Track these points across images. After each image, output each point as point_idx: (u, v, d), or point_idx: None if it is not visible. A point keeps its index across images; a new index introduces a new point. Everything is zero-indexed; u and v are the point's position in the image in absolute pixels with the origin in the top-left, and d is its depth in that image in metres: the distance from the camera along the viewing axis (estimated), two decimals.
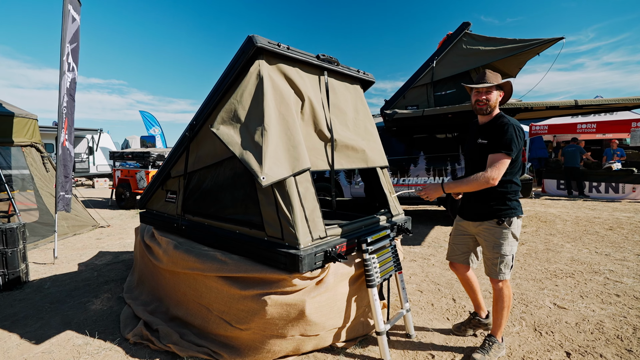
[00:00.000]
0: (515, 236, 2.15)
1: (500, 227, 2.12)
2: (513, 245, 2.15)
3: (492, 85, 2.11)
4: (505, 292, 2.18)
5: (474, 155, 2.23)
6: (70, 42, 4.83)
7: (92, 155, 14.91)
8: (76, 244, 5.44)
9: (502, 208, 2.11)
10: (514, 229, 2.13)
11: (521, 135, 2.06)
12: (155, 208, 3.32)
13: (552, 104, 5.29)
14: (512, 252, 2.14)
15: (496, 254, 2.14)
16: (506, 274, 2.15)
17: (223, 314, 2.32)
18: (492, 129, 2.10)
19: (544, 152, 10.93)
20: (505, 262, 2.13)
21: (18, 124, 5.68)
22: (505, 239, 2.12)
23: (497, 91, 2.15)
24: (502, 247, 2.12)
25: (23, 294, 3.43)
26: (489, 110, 2.15)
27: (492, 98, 2.13)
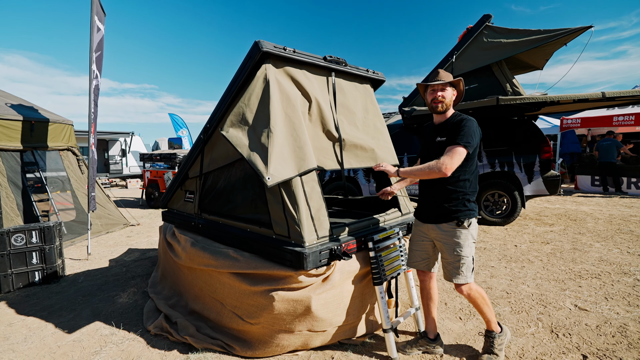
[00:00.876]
0: (473, 238, 2.12)
1: (459, 229, 2.08)
2: (472, 247, 2.11)
3: (446, 82, 2.12)
4: (473, 295, 2.13)
5: (432, 156, 2.16)
6: (95, 51, 5.13)
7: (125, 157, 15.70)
8: (108, 241, 5.79)
9: (461, 209, 2.08)
10: (472, 231, 2.10)
11: (478, 132, 2.05)
12: (175, 207, 3.49)
13: (580, 96, 5.04)
14: (471, 254, 2.10)
15: (457, 256, 2.08)
16: (468, 277, 2.09)
17: (235, 309, 2.42)
18: (451, 126, 2.09)
19: (576, 146, 10.36)
20: (467, 265, 2.08)
21: (56, 129, 6.10)
22: (465, 240, 2.08)
23: (451, 89, 2.16)
24: (463, 249, 2.07)
25: (59, 287, 3.71)
26: (445, 108, 2.14)
27: (447, 96, 2.13)
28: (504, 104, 4.94)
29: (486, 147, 6.01)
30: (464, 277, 2.09)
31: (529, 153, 5.70)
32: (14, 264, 3.69)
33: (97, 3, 5.14)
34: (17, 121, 5.42)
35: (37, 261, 3.81)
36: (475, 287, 2.16)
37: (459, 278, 2.09)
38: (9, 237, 3.66)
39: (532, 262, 4.05)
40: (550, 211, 7.16)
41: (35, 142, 5.70)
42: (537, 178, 5.66)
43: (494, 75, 5.92)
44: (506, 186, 5.83)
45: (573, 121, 9.89)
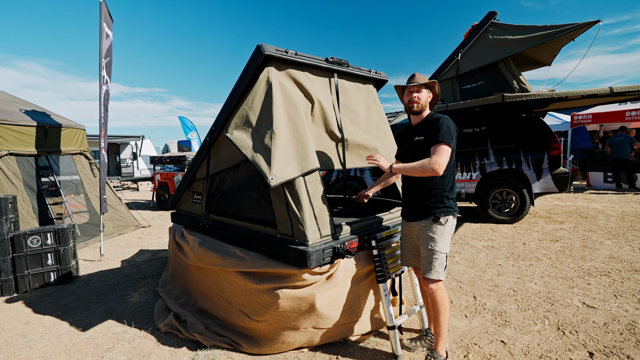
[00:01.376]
0: (450, 234, 2.13)
1: (435, 224, 2.09)
2: (447, 244, 2.12)
3: (421, 84, 2.19)
4: (438, 295, 2.09)
5: (410, 155, 2.21)
6: (104, 57, 5.26)
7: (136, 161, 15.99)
8: (120, 242, 5.92)
9: (438, 206, 2.10)
10: (448, 228, 2.11)
11: (455, 128, 2.10)
12: (184, 208, 3.57)
13: (588, 92, 4.97)
14: (446, 251, 2.10)
15: (430, 251, 2.09)
16: (440, 274, 2.09)
17: (242, 307, 2.48)
18: (428, 126, 2.14)
19: (588, 143, 10.17)
20: (440, 261, 2.08)
21: (68, 134, 6.27)
22: (440, 236, 2.09)
23: (427, 91, 2.22)
24: (437, 245, 2.08)
25: (74, 288, 3.83)
26: (420, 108, 2.19)
27: (422, 97, 2.19)
28: (509, 101, 4.91)
29: (493, 145, 5.97)
30: (436, 273, 2.08)
31: (537, 150, 5.64)
32: (30, 265, 3.81)
33: (105, 10, 5.28)
34: (32, 127, 5.60)
35: (52, 262, 3.93)
36: (443, 289, 2.13)
37: (431, 273, 2.09)
38: (25, 239, 3.79)
39: (541, 260, 4.02)
40: (560, 209, 7.06)
41: (49, 147, 5.87)
42: (546, 175, 5.60)
43: (500, 72, 5.88)
44: (514, 184, 5.78)
45: (584, 117, 9.73)
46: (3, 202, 3.68)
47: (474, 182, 6.12)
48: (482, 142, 6.07)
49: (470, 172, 6.15)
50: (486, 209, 6.06)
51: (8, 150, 5.17)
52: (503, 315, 2.77)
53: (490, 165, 5.98)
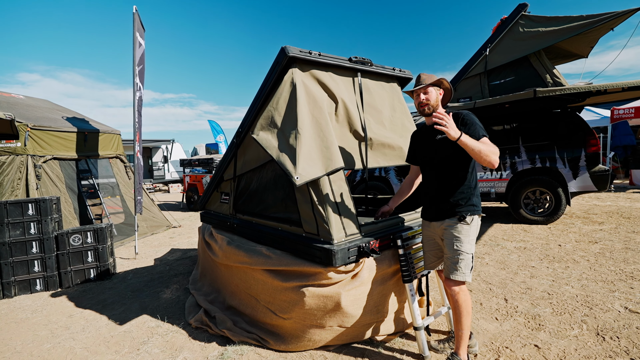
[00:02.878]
0: (475, 234, 2.06)
1: (461, 224, 2.02)
2: (473, 245, 2.04)
3: (427, 85, 2.10)
4: (461, 298, 2.02)
5: (431, 155, 2.15)
6: (137, 65, 5.52)
7: (167, 164, 16.63)
8: (153, 242, 6.19)
9: (464, 204, 2.04)
10: (474, 227, 2.04)
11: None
12: (212, 208, 3.68)
13: (630, 84, 4.68)
14: (472, 252, 2.03)
15: (456, 251, 2.01)
16: (467, 275, 2.01)
17: (269, 304, 2.53)
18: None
19: (630, 138, 9.53)
20: (466, 261, 2.01)
21: (105, 139, 6.64)
22: (466, 236, 2.02)
23: (435, 89, 2.14)
24: (463, 245, 2.01)
25: (111, 284, 4.04)
26: (432, 109, 2.12)
27: (432, 97, 2.11)
28: (542, 96, 4.70)
29: (525, 142, 5.73)
30: (462, 274, 2.01)
31: (574, 147, 5.36)
32: (73, 261, 4.07)
33: (137, 20, 5.55)
34: (73, 133, 5.97)
35: (92, 259, 4.17)
36: (467, 291, 2.05)
37: (456, 274, 2.02)
38: (68, 237, 4.04)
39: (578, 263, 3.82)
40: (600, 209, 6.67)
41: (88, 151, 6.23)
42: (584, 173, 5.31)
43: (532, 66, 5.65)
44: (548, 183, 5.52)
45: (625, 111, 9.13)
46: (48, 203, 3.95)
47: (505, 181, 5.90)
48: (513, 140, 5.84)
49: (500, 170, 5.94)
50: (518, 209, 5.82)
51: (52, 154, 5.53)
52: (537, 319, 2.66)
53: (522, 164, 5.74)
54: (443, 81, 2.17)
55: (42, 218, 3.91)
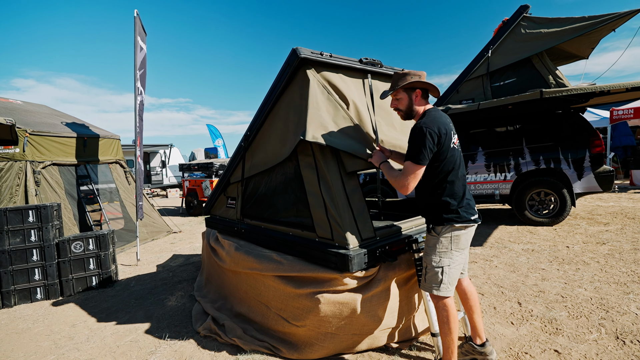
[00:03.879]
0: (448, 247, 1.92)
1: (430, 235, 1.97)
2: (443, 257, 1.92)
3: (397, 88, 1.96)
4: (441, 312, 1.93)
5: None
6: (139, 69, 5.46)
7: (165, 168, 16.52)
8: (154, 248, 6.09)
9: (432, 215, 1.96)
10: (444, 238, 1.92)
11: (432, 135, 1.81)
12: (218, 213, 3.61)
13: (634, 84, 4.67)
14: (441, 265, 1.92)
15: (426, 263, 1.97)
16: (440, 289, 1.91)
17: (280, 311, 2.46)
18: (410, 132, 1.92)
19: (630, 139, 9.57)
20: (432, 274, 1.92)
21: (105, 144, 6.55)
22: (433, 247, 1.94)
23: (404, 93, 1.99)
24: (430, 256, 1.95)
25: (114, 291, 3.95)
26: (406, 115, 2.03)
27: (401, 104, 2.01)
28: (548, 96, 4.68)
29: (529, 144, 5.72)
30: (428, 287, 1.95)
31: (578, 148, 5.35)
32: (74, 269, 3.98)
33: (139, 23, 5.49)
34: (72, 138, 5.88)
35: (94, 267, 4.08)
36: (449, 308, 1.93)
37: (424, 286, 1.99)
38: (69, 244, 3.95)
39: (588, 264, 3.78)
40: (603, 209, 6.66)
41: (88, 157, 6.15)
42: (588, 174, 5.29)
43: (534, 67, 5.64)
44: (553, 184, 5.50)
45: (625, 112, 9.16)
46: (49, 209, 3.86)
47: (509, 183, 5.88)
48: (517, 141, 5.83)
49: (504, 172, 5.91)
50: (523, 211, 5.79)
51: (51, 160, 5.45)
52: (553, 323, 2.61)
53: (526, 165, 5.72)
54: (414, 83, 1.96)
55: (42, 225, 3.82)
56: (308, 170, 2.28)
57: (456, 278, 1.99)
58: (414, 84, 1.97)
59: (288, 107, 2.38)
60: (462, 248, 1.97)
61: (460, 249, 1.97)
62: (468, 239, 1.99)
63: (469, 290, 2.19)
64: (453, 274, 1.96)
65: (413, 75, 1.97)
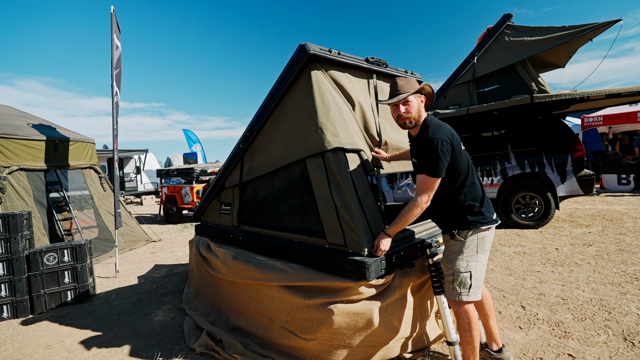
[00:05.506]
0: (474, 250, 1.88)
1: (453, 240, 1.91)
2: (470, 261, 1.87)
3: (407, 95, 1.84)
4: (463, 320, 1.87)
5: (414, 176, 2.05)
6: (115, 68, 5.17)
7: (139, 175, 15.82)
8: (133, 258, 5.72)
9: (455, 220, 1.91)
10: (470, 242, 1.88)
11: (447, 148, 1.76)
12: (210, 220, 3.40)
13: (613, 91, 4.89)
14: (468, 269, 1.86)
15: (449, 269, 1.91)
16: (463, 295, 1.86)
17: (286, 324, 2.30)
18: (419, 145, 1.87)
19: (600, 145, 10.08)
20: (460, 280, 1.87)
21: (78, 148, 6.13)
22: (459, 253, 1.89)
23: (416, 97, 1.90)
24: (456, 262, 1.88)
25: (92, 307, 3.63)
26: (414, 122, 1.89)
27: (412, 109, 1.87)
28: (538, 101, 4.80)
29: (514, 148, 5.85)
30: (456, 294, 1.88)
31: (560, 152, 5.52)
32: (47, 284, 3.62)
33: (115, 20, 5.20)
34: (41, 141, 5.45)
35: (70, 280, 3.74)
36: (471, 314, 1.88)
37: (451, 293, 1.92)
38: (42, 256, 3.60)
39: (580, 266, 3.85)
40: (582, 212, 6.92)
41: (59, 161, 5.72)
42: (571, 178, 5.46)
43: (518, 74, 5.81)
44: (538, 187, 5.64)
45: (595, 119, 9.67)
46: (19, 218, 3.51)
47: (496, 187, 5.98)
48: (502, 146, 5.95)
49: (491, 176, 6.01)
50: (509, 214, 5.90)
51: (19, 165, 5.02)
52: (561, 326, 2.60)
53: (511, 169, 5.84)
54: (425, 87, 1.93)
55: (11, 235, 3.46)
56: (317, 173, 2.16)
57: (482, 280, 1.96)
58: (424, 87, 1.92)
59: (295, 107, 2.25)
60: (487, 249, 1.95)
61: (485, 250, 1.94)
62: (491, 239, 1.97)
63: (484, 295, 2.13)
64: (480, 277, 1.93)
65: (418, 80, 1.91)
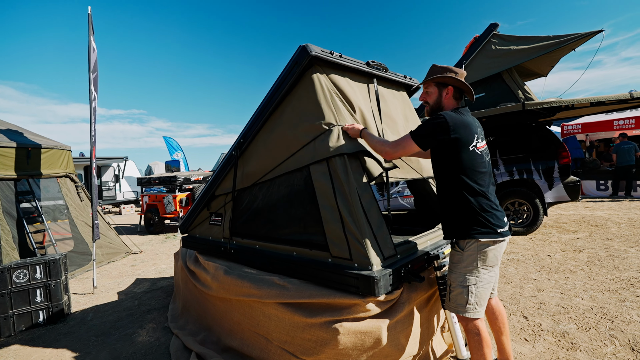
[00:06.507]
0: (473, 264, 1.74)
1: (454, 251, 1.80)
2: (469, 275, 1.75)
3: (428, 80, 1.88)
4: (473, 337, 1.75)
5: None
6: (92, 72, 4.92)
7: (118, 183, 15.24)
8: (112, 271, 5.39)
9: (458, 226, 1.77)
10: (470, 254, 1.74)
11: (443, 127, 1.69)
12: (198, 232, 3.20)
13: (597, 99, 5.00)
14: (466, 284, 1.74)
15: (450, 281, 1.82)
16: (467, 311, 1.73)
17: (285, 344, 2.13)
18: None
19: (579, 152, 10.40)
20: (461, 295, 1.75)
21: (53, 156, 5.77)
22: (457, 264, 1.78)
23: (435, 89, 1.88)
24: (456, 275, 1.78)
25: (67, 327, 3.33)
26: (431, 109, 1.93)
27: (430, 98, 1.90)
28: (529, 109, 4.85)
29: (502, 155, 5.90)
30: (461, 310, 1.76)
31: (547, 159, 5.59)
32: (16, 303, 3.30)
33: (91, 21, 4.95)
34: (11, 148, 5.09)
35: (42, 299, 3.43)
36: (480, 328, 1.75)
37: (449, 305, 1.82)
38: (10, 273, 3.29)
39: (575, 273, 3.85)
40: (567, 218, 7.04)
41: (31, 170, 5.35)
42: (558, 184, 5.54)
43: (504, 82, 5.88)
44: (526, 194, 5.69)
45: (574, 127, 9.97)
46: None
47: None
48: (491, 153, 5.99)
49: None
50: None
51: None
52: (566, 337, 2.53)
53: (500, 176, 5.88)
54: (447, 79, 1.84)
55: None
56: (322, 181, 2.02)
57: (485, 299, 1.80)
58: (446, 79, 1.84)
59: (296, 111, 2.12)
60: (491, 265, 1.79)
61: (489, 267, 1.78)
62: (497, 255, 1.79)
63: (498, 310, 2.03)
64: (481, 294, 1.76)
65: (449, 71, 1.84)
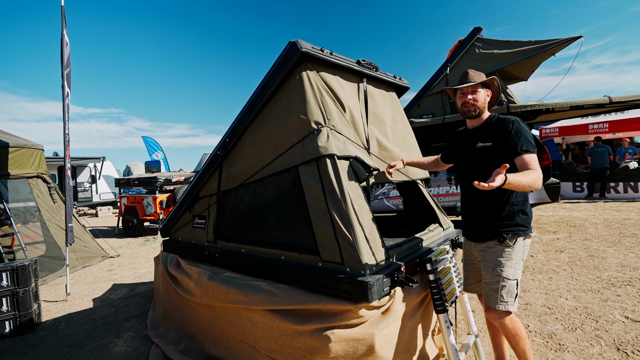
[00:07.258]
0: (521, 257, 1.85)
1: (502, 246, 1.83)
2: (517, 269, 1.84)
3: (477, 83, 1.89)
4: (509, 327, 1.82)
5: (469, 162, 1.97)
6: (65, 67, 4.69)
7: (95, 184, 14.68)
8: (87, 277, 5.13)
9: (506, 223, 1.83)
10: (518, 249, 1.83)
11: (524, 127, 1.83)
12: (180, 235, 3.06)
13: (577, 103, 5.13)
14: (516, 277, 1.82)
15: (497, 277, 1.82)
16: (509, 304, 1.81)
17: (273, 353, 2.04)
18: (495, 129, 1.84)
19: (556, 155, 10.74)
20: (508, 289, 1.80)
21: (24, 155, 5.46)
22: (508, 259, 1.82)
23: (484, 90, 1.94)
24: (504, 269, 1.81)
25: (36, 338, 3.12)
26: (478, 112, 1.91)
27: (479, 98, 1.90)
28: (515, 111, 4.93)
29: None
30: (504, 304, 1.80)
31: None
32: None
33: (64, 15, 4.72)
34: None
35: (8, 308, 3.20)
36: (516, 319, 1.85)
37: (498, 304, 1.82)
38: None
39: (558, 273, 3.91)
40: (546, 218, 7.22)
41: None
42: None
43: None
44: None
45: (551, 130, 10.27)
46: None
47: None
48: None
49: None
50: None
51: None
52: (554, 338, 2.55)
53: None
54: (494, 81, 1.95)
55: None
56: (311, 182, 1.95)
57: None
58: (492, 80, 1.94)
59: (284, 109, 2.04)
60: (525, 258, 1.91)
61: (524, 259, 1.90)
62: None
63: None
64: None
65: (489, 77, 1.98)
